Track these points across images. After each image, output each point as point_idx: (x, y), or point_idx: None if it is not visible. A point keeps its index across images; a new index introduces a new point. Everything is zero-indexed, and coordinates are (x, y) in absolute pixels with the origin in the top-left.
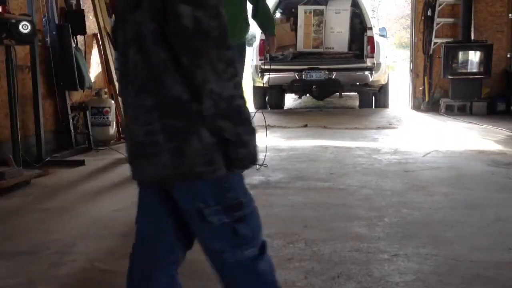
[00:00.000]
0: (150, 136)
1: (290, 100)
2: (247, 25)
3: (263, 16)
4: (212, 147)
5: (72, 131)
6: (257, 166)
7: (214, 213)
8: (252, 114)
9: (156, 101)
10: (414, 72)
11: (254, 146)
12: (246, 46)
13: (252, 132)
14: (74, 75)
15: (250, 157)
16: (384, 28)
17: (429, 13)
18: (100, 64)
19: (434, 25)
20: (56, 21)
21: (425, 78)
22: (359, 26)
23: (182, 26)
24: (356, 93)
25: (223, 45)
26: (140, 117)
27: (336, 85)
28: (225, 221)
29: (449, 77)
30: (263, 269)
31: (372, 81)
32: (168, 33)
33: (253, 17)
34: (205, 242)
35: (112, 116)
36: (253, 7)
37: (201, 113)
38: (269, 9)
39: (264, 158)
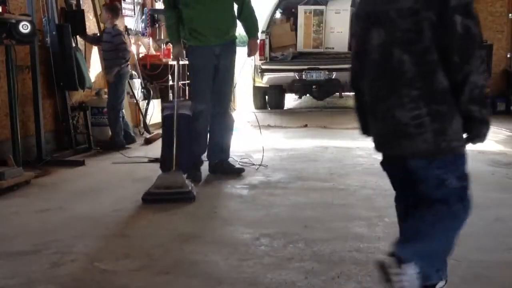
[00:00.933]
0: (417, 120)
1: (290, 100)
2: (236, 22)
3: (246, 18)
4: (462, 126)
5: (72, 131)
6: (256, 166)
7: (451, 180)
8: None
9: (422, 92)
10: None
11: (490, 126)
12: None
13: (489, 114)
14: (74, 75)
15: (487, 135)
16: None
17: None
18: (100, 64)
19: None
20: (56, 21)
21: None
22: None
23: (457, 32)
24: None
25: (481, 46)
26: (406, 105)
27: (336, 85)
28: (456, 186)
29: None
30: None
31: None
32: (444, 37)
33: (238, 17)
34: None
35: None
36: (238, 8)
37: (460, 99)
38: (253, 11)
39: (262, 158)
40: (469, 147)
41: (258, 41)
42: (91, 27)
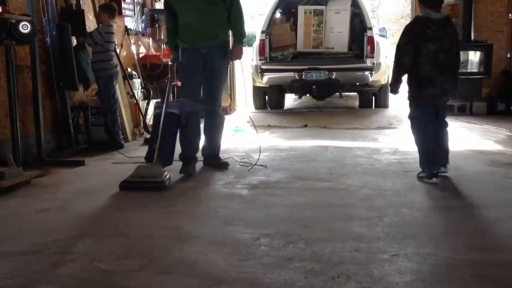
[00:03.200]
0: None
1: (290, 100)
2: (226, 27)
3: (233, 24)
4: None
5: (72, 131)
6: (250, 166)
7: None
8: (252, 114)
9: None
10: None
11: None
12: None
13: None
14: (74, 75)
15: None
16: (384, 28)
17: None
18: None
19: None
20: (56, 21)
21: None
22: (359, 26)
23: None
24: (356, 93)
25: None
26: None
27: (336, 85)
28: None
29: None
30: None
31: (372, 81)
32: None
33: (227, 21)
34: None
35: None
36: (227, 14)
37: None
38: (239, 17)
39: (258, 159)
40: (463, 147)
41: (258, 41)
42: (91, 27)
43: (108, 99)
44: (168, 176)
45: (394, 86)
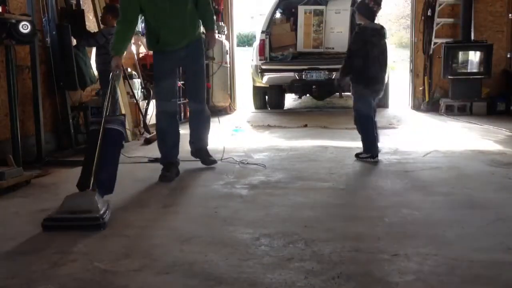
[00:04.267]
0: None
1: (290, 100)
2: (198, 22)
3: (202, 14)
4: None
5: (72, 131)
6: (237, 164)
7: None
8: (252, 114)
9: (385, 72)
10: (414, 72)
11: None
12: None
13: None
14: (74, 75)
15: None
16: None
17: (429, 13)
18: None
19: (434, 25)
20: (56, 21)
21: (425, 78)
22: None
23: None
24: None
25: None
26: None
27: (336, 85)
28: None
29: (449, 77)
30: None
31: None
32: None
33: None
34: None
35: None
36: (196, 6)
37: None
38: (207, 5)
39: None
40: (464, 147)
41: (258, 41)
42: (91, 27)
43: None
44: (106, 208)
45: (341, 81)
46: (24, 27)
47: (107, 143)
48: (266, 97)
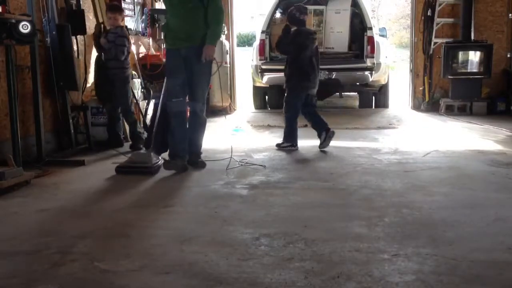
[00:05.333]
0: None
1: None
2: (205, 27)
3: (209, 22)
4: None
5: (72, 131)
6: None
7: None
8: (252, 114)
9: (318, 72)
10: (414, 72)
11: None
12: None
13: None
14: (74, 75)
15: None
16: (384, 28)
17: (429, 13)
18: None
19: (434, 25)
20: (56, 21)
21: (425, 78)
22: (359, 26)
23: None
24: (356, 93)
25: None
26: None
27: (336, 85)
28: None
29: (449, 77)
30: None
31: (372, 81)
32: None
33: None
34: None
35: None
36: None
37: None
38: (214, 19)
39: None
40: (463, 147)
41: (258, 41)
42: (91, 27)
43: (125, 100)
44: (158, 162)
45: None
46: (24, 27)
47: (165, 116)
48: (266, 97)
